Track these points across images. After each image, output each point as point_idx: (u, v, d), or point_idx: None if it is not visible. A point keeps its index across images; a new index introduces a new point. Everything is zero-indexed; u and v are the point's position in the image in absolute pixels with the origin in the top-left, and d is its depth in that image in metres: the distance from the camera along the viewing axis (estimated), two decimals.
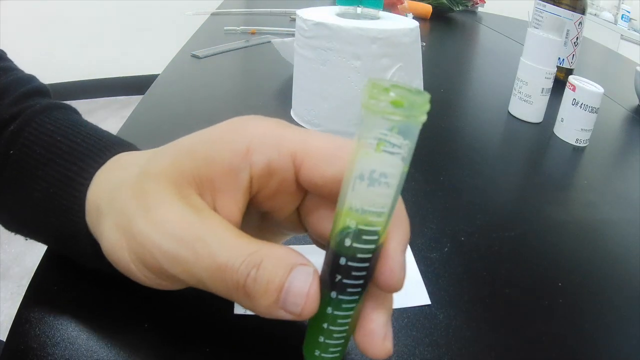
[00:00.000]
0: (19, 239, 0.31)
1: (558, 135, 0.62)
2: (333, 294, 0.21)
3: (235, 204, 0.23)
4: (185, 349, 0.27)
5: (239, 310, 0.29)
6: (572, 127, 0.59)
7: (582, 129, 0.59)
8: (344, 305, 0.21)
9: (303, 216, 0.25)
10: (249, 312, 0.26)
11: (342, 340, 0.22)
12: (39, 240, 0.31)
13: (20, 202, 0.28)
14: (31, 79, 0.34)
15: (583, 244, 0.41)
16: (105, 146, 0.28)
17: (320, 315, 0.21)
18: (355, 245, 0.19)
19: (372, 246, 0.20)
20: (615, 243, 0.42)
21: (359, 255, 0.20)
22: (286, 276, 0.20)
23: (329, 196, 0.22)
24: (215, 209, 0.22)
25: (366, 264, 0.20)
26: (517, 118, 0.67)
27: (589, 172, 0.55)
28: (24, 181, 0.28)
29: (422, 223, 0.41)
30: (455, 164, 0.52)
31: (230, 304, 0.29)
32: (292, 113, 0.61)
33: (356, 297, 0.21)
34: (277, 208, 0.24)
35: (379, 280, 0.21)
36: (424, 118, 0.18)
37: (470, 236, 0.40)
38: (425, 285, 0.34)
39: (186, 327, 0.28)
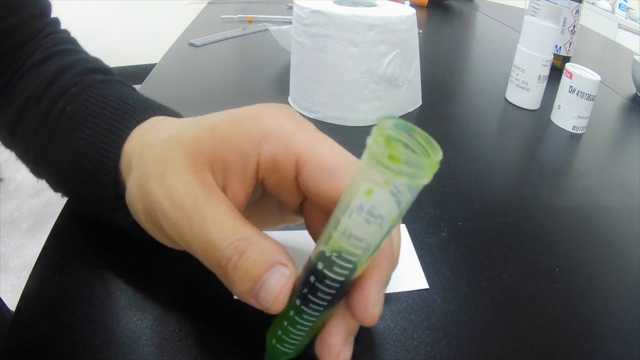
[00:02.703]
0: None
1: (555, 122, 0.62)
2: (297, 302, 0.21)
3: (242, 186, 0.24)
4: (186, 334, 0.27)
5: None
6: (569, 114, 0.60)
7: (579, 116, 0.59)
8: (304, 315, 0.21)
9: (303, 212, 0.26)
10: None
11: (297, 342, 0.23)
12: (71, 193, 0.33)
13: (68, 151, 0.30)
14: (97, 60, 0.37)
15: (580, 230, 0.41)
16: (149, 106, 0.31)
17: (284, 312, 0.22)
18: (326, 271, 0.20)
19: (341, 278, 0.20)
20: (612, 229, 0.42)
21: (327, 282, 0.20)
22: (264, 272, 0.20)
23: (320, 206, 0.24)
24: (224, 188, 0.24)
25: (333, 291, 0.20)
26: (514, 105, 0.67)
27: (585, 159, 0.56)
28: (74, 132, 0.30)
29: (419, 208, 0.41)
30: (453, 150, 0.52)
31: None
32: (289, 100, 0.61)
33: (317, 313, 0.21)
34: (282, 199, 0.26)
35: (353, 312, 0.22)
36: (425, 181, 0.15)
37: (467, 221, 0.40)
38: (423, 270, 0.34)
39: (186, 312, 0.29)
